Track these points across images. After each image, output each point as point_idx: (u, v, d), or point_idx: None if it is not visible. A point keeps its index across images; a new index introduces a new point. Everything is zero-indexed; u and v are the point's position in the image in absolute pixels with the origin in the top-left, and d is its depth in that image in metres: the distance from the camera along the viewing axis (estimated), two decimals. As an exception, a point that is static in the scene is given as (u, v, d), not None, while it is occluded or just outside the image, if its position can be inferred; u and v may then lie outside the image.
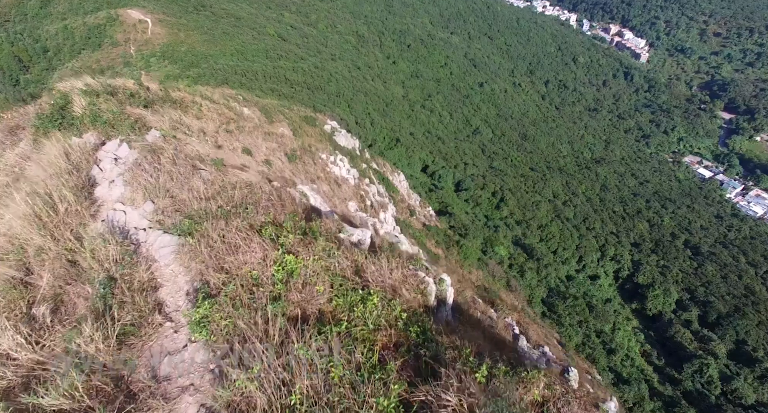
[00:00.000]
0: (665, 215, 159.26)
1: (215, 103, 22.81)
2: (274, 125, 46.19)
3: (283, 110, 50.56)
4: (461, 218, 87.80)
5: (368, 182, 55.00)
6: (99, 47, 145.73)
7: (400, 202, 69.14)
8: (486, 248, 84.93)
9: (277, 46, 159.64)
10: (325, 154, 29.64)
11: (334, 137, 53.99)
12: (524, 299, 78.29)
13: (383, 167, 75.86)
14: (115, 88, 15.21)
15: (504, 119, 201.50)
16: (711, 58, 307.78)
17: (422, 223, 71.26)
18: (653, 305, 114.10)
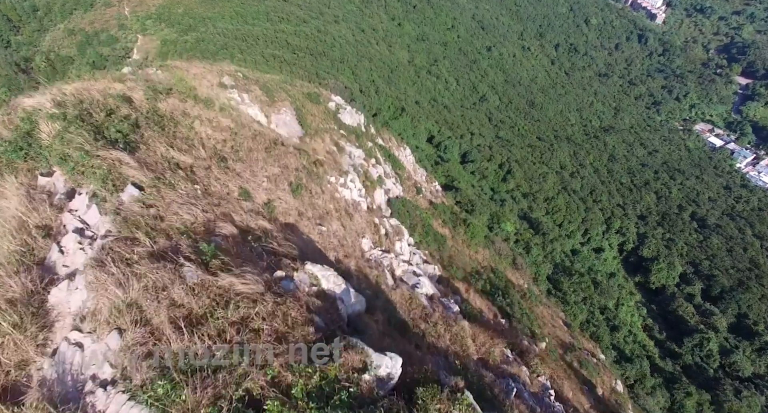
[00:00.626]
0: (673, 187, 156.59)
1: (212, 109, 20.58)
2: (275, 105, 43.66)
3: (285, 87, 47.70)
4: (467, 193, 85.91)
5: (374, 162, 52.90)
6: (91, 7, 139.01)
7: (407, 179, 67.16)
8: (492, 224, 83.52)
9: (278, 8, 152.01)
10: (334, 175, 27.23)
11: (338, 114, 51.34)
12: (530, 277, 77.90)
13: (389, 142, 73.34)
14: (91, 105, 13.14)
15: (512, 86, 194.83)
16: (732, 18, 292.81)
17: (429, 200, 69.63)
18: (656, 278, 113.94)
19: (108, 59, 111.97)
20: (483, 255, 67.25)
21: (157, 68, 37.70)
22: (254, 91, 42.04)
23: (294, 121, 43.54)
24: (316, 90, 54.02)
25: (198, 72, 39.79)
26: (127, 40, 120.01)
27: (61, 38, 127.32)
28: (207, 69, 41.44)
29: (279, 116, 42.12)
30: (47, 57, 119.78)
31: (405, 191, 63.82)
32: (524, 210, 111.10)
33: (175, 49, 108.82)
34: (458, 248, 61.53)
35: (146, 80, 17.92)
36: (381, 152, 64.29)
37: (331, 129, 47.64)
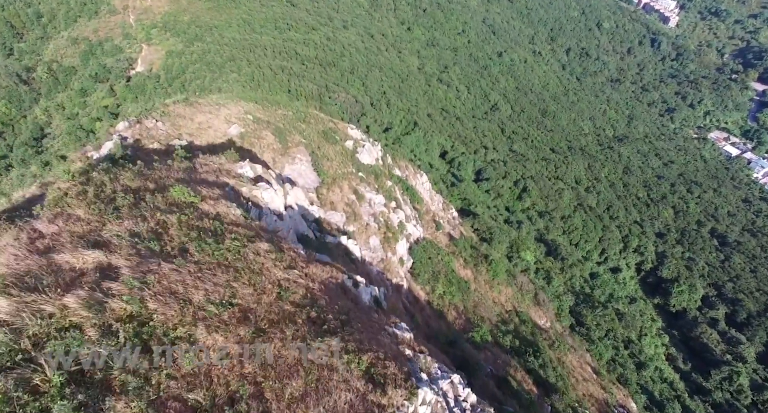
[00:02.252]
0: (691, 201, 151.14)
1: (213, 199, 16.27)
2: (289, 152, 39.13)
3: (299, 126, 42.96)
4: (484, 219, 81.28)
5: (394, 206, 48.41)
6: (96, 14, 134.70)
7: (425, 214, 62.78)
8: (512, 254, 78.93)
9: (286, 14, 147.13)
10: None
11: (356, 154, 46.73)
12: (553, 314, 73.37)
13: (405, 171, 68.87)
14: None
15: (523, 93, 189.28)
16: (748, 21, 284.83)
17: (448, 235, 65.31)
18: (677, 301, 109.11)
19: (111, 71, 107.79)
20: (506, 295, 62.90)
21: (158, 118, 33.25)
22: (266, 139, 37.51)
23: (309, 169, 39.06)
24: (331, 124, 49.25)
25: (203, 120, 35.30)
26: (132, 50, 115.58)
27: (65, 47, 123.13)
28: (213, 114, 36.99)
29: (294, 166, 37.63)
30: (49, 67, 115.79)
31: (425, 227, 59.45)
32: (541, 231, 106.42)
33: (180, 62, 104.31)
34: (481, 292, 57.21)
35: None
36: (399, 186, 59.91)
37: (349, 174, 43.18)
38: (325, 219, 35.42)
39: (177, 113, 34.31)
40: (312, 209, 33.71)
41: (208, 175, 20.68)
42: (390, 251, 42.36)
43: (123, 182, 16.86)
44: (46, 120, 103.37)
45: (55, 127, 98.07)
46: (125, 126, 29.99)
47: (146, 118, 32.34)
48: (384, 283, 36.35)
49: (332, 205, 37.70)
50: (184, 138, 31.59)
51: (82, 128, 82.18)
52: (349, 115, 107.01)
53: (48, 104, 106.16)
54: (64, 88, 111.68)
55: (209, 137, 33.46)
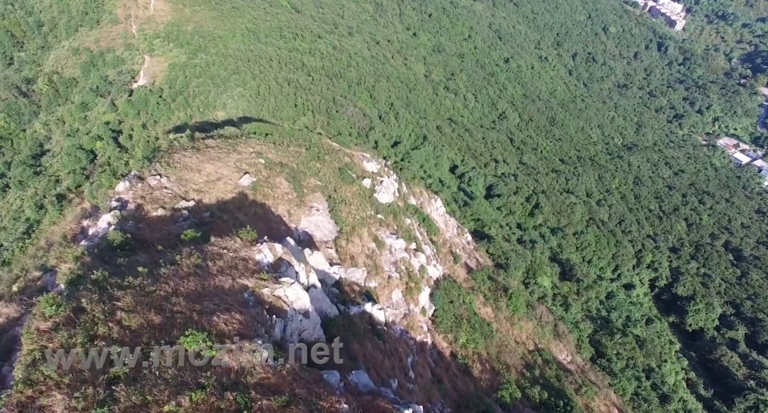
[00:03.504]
0: (703, 213, 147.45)
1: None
2: (305, 200, 35.65)
3: (313, 166, 39.44)
4: (500, 244, 77.86)
5: (414, 248, 44.99)
6: (97, 24, 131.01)
7: (442, 246, 59.39)
8: (528, 280, 75.62)
9: (291, 22, 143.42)
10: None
11: (375, 194, 43.29)
12: (574, 346, 69.96)
13: (420, 197, 65.45)
14: None
15: (531, 101, 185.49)
16: (756, 25, 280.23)
17: (465, 265, 61.95)
18: (694, 320, 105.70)
19: (113, 84, 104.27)
20: (527, 331, 59.57)
21: (162, 171, 29.81)
22: (279, 187, 34.04)
23: (327, 218, 35.59)
24: (347, 158, 45.63)
25: (211, 171, 31.82)
26: (134, 61, 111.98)
27: (65, 57, 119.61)
28: (222, 160, 33.53)
29: (310, 218, 34.19)
30: (50, 79, 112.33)
31: (443, 261, 56.16)
32: (554, 250, 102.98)
33: (184, 75, 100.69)
34: (503, 331, 53.93)
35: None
36: (416, 218, 56.57)
37: (368, 218, 39.73)
38: (347, 279, 32.04)
39: (183, 164, 30.87)
40: (333, 270, 30.33)
41: (223, 279, 17.21)
42: (412, 302, 39.00)
43: (120, 315, 13.41)
44: (46, 135, 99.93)
45: (55, 143, 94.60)
46: (125, 187, 26.57)
47: (149, 173, 28.90)
48: (409, 347, 33.04)
49: (352, 260, 34.28)
50: (192, 197, 28.14)
51: (82, 148, 78.74)
52: (358, 129, 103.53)
53: (48, 117, 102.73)
54: (65, 100, 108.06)
55: (219, 191, 30.03)
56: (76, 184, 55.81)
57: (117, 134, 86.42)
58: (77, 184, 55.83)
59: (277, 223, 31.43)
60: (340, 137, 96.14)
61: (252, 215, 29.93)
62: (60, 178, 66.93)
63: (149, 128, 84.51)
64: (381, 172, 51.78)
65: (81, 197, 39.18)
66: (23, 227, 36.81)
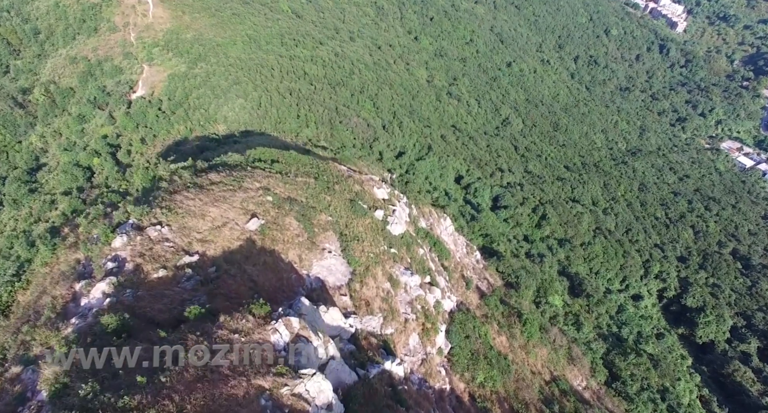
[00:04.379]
0: (710, 220, 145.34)
1: None
2: (317, 241, 33.18)
3: (323, 200, 36.78)
4: (509, 261, 75.55)
5: (429, 282, 42.59)
6: (95, 32, 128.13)
7: (454, 271, 57.02)
8: (539, 299, 73.31)
9: (292, 28, 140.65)
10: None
11: (387, 226, 40.82)
12: (588, 369, 67.66)
13: (430, 218, 63.07)
14: None
15: (534, 106, 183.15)
16: (758, 27, 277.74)
17: (477, 290, 59.64)
18: (704, 333, 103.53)
19: (111, 94, 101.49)
20: (542, 358, 57.36)
21: (164, 219, 27.28)
22: (289, 229, 31.54)
23: (339, 260, 33.11)
24: (357, 186, 43.02)
25: (216, 215, 29.32)
26: (132, 71, 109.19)
27: (63, 66, 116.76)
28: (228, 202, 31.02)
29: (322, 262, 31.73)
30: (46, 89, 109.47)
31: (455, 288, 53.85)
32: (562, 263, 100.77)
33: (184, 86, 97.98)
34: (519, 362, 51.72)
35: None
36: (427, 242, 54.21)
37: (381, 254, 37.30)
38: (363, 330, 29.63)
39: (185, 208, 28.36)
40: (348, 323, 27.92)
41: (236, 384, 14.72)
42: (429, 344, 36.62)
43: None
44: (42, 147, 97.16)
45: (51, 156, 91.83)
46: (123, 242, 24.07)
47: (149, 221, 26.38)
48: (430, 402, 30.71)
49: (368, 306, 31.87)
50: (195, 249, 25.64)
51: (79, 165, 76.16)
52: (362, 140, 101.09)
53: (44, 129, 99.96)
54: (62, 111, 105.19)
55: (225, 240, 27.53)
56: (72, 209, 53.30)
57: (115, 148, 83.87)
58: (73, 209, 53.31)
59: (288, 271, 28.97)
60: (344, 150, 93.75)
61: (261, 266, 27.47)
62: (55, 199, 64.34)
63: (148, 143, 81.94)
64: (392, 197, 49.26)
65: (76, 233, 36.65)
66: (13, 267, 34.31)
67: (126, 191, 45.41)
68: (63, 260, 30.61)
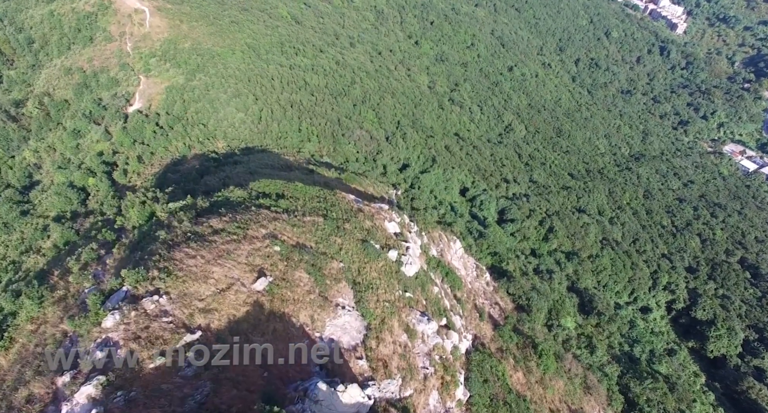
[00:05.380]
0: (716, 227, 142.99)
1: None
2: (330, 296, 30.36)
3: (334, 241, 34.00)
4: (519, 281, 72.86)
5: (445, 325, 39.85)
6: (91, 41, 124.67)
7: (467, 301, 54.27)
8: (551, 322, 70.65)
9: (292, 36, 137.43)
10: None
11: (402, 268, 38.07)
12: (605, 398, 65.04)
13: (440, 243, 60.28)
14: None
15: (537, 111, 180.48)
16: (758, 28, 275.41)
17: (491, 321, 56.91)
18: (715, 347, 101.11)
19: (107, 108, 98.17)
20: (559, 392, 54.65)
21: (162, 285, 24.39)
22: (300, 285, 28.72)
23: (353, 316, 30.28)
24: (367, 222, 40.09)
25: (220, 275, 26.45)
26: (129, 82, 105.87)
27: (57, 77, 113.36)
28: (232, 257, 28.20)
29: (336, 321, 28.94)
30: (40, 101, 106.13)
31: (469, 321, 51.13)
32: (571, 278, 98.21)
33: (182, 100, 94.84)
34: (537, 400, 49.12)
35: None
36: (439, 272, 51.49)
37: (396, 302, 34.53)
38: (382, 400, 26.81)
39: (186, 269, 25.48)
40: (366, 394, 25.09)
41: None
42: (449, 399, 33.90)
43: None
44: (36, 163, 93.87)
45: (45, 173, 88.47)
46: (115, 321, 21.19)
47: (145, 290, 23.48)
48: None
49: (385, 368, 29.09)
50: (198, 321, 22.78)
51: (73, 185, 73.09)
52: (365, 153, 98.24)
53: (38, 144, 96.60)
54: (56, 125, 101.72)
55: (230, 306, 24.68)
56: (64, 241, 50.37)
57: (111, 167, 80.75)
58: (65, 241, 50.39)
59: (300, 337, 26.17)
60: (347, 165, 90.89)
61: (271, 335, 24.65)
62: (48, 224, 61.22)
63: (145, 161, 78.79)
64: (403, 228, 46.44)
65: (66, 281, 33.76)
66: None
67: (122, 226, 42.49)
68: (50, 318, 27.81)
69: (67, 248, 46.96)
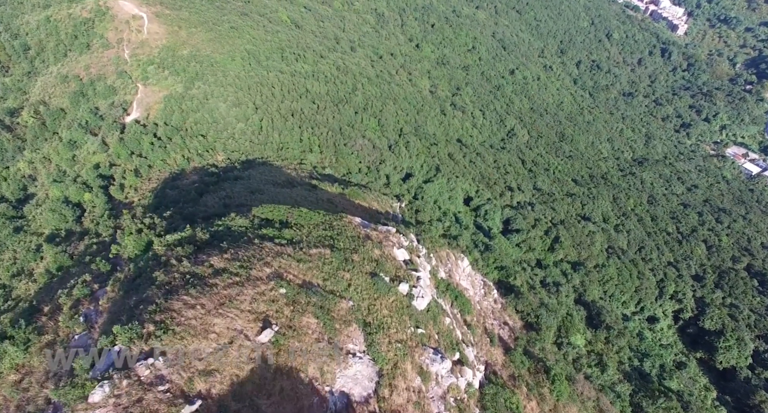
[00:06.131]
0: (722, 233, 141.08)
1: None
2: (344, 339, 28.19)
3: (342, 276, 31.77)
4: (527, 298, 70.74)
5: (458, 361, 37.71)
6: (87, 48, 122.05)
7: (477, 325, 52.14)
8: (561, 340, 68.57)
9: (292, 41, 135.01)
10: None
11: (413, 302, 35.89)
12: (619, 422, 62.94)
13: (448, 262, 58.14)
14: None
15: (539, 115, 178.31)
16: (760, 29, 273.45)
17: (502, 345, 54.77)
18: (725, 359, 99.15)
19: (103, 118, 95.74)
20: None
21: (158, 347, 22.16)
22: (308, 332, 26.46)
23: (364, 364, 28.11)
24: (377, 251, 37.80)
25: (222, 329, 24.23)
26: (126, 91, 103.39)
27: (53, 85, 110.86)
28: (235, 305, 25.99)
29: (348, 371, 26.76)
30: (36, 110, 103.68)
31: (480, 347, 49.01)
32: (578, 289, 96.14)
33: (181, 110, 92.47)
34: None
35: None
36: (449, 297, 49.35)
37: (409, 341, 32.37)
38: (398, 462, 24.59)
39: (185, 324, 23.24)
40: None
41: None
42: (467, 444, 31.60)
43: None
44: (31, 174, 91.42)
45: (40, 186, 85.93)
46: (104, 395, 18.94)
47: (139, 349, 21.23)
48: None
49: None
50: (197, 387, 20.54)
51: (68, 201, 70.80)
52: (368, 163, 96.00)
53: (33, 155, 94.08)
54: (52, 134, 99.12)
55: (233, 365, 22.43)
56: (57, 266, 48.14)
57: (108, 180, 78.39)
58: (58, 266, 48.15)
59: (309, 394, 23.95)
60: (350, 176, 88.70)
61: (277, 397, 22.44)
62: (41, 244, 58.84)
63: (143, 175, 76.50)
64: (412, 253, 44.24)
65: (56, 323, 31.58)
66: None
67: (117, 254, 40.30)
68: (36, 368, 25.68)
69: (61, 275, 44.71)
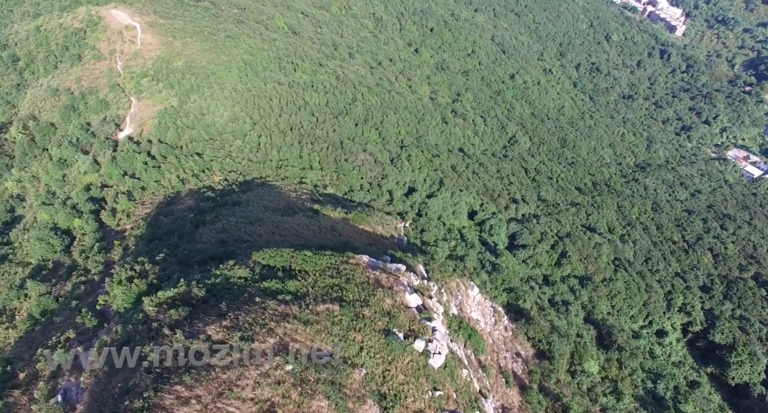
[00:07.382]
0: (727, 240, 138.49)
1: None
2: None
3: (353, 338, 28.58)
4: (540, 326, 67.62)
5: None
6: (79, 60, 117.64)
7: (491, 365, 48.98)
8: (574, 368, 65.58)
9: (290, 49, 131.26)
10: None
11: (429, 361, 32.72)
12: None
13: (458, 293, 55.01)
14: None
15: (540, 120, 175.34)
16: (758, 30, 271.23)
17: (518, 384, 51.70)
18: (737, 374, 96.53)
19: (95, 135, 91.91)
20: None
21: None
22: None
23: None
24: (388, 300, 34.55)
25: None
26: (119, 105, 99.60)
27: (43, 99, 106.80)
28: (237, 399, 22.43)
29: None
30: (25, 125, 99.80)
31: (496, 390, 45.91)
32: (586, 307, 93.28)
33: (175, 126, 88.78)
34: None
35: None
36: (461, 336, 46.22)
37: (427, 410, 29.21)
38: None
39: (186, 395, 19.87)
40: None
41: None
42: None
43: None
44: (19, 194, 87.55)
45: (28, 207, 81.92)
46: None
47: None
48: None
49: None
50: None
51: (57, 228, 67.22)
52: (369, 179, 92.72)
53: (21, 174, 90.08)
54: (41, 151, 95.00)
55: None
56: (41, 310, 44.70)
57: (100, 203, 74.68)
58: (42, 310, 44.72)
59: None
60: (352, 194, 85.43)
61: None
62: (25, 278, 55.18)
63: (136, 198, 72.90)
64: (424, 293, 41.07)
65: (30, 398, 28.21)
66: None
67: (106, 304, 36.92)
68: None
69: (44, 321, 41.27)
